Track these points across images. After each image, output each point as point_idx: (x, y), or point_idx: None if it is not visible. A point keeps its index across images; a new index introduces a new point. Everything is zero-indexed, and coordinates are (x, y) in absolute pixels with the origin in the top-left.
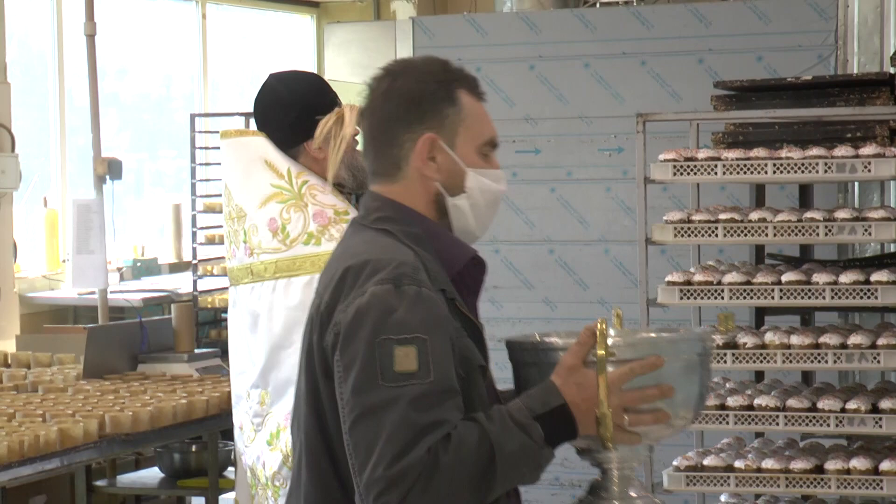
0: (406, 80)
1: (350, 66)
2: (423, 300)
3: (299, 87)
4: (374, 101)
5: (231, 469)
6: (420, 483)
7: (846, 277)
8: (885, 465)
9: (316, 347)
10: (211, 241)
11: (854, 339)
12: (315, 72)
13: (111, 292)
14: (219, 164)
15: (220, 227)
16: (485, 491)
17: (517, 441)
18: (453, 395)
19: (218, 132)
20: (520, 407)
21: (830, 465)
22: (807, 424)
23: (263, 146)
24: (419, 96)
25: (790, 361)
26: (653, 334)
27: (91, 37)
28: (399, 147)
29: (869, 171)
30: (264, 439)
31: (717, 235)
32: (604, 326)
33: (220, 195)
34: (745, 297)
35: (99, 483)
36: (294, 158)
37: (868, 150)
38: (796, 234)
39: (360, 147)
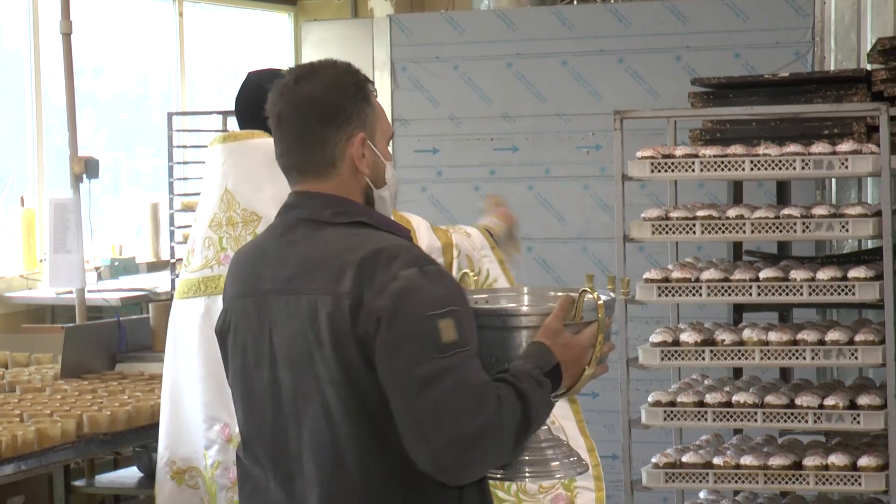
0: (325, 84)
1: None
2: (443, 276)
3: None
4: (299, 106)
5: None
6: (493, 438)
7: (824, 274)
8: (863, 461)
9: (349, 336)
10: None
11: (832, 335)
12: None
13: (89, 292)
14: (198, 162)
15: None
16: (523, 440)
17: (540, 396)
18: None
19: (195, 131)
20: (532, 367)
21: (809, 461)
22: (785, 421)
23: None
24: (343, 99)
25: (768, 358)
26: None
27: (67, 35)
28: (332, 147)
29: (846, 167)
30: None
31: (694, 232)
32: (599, 297)
33: (197, 194)
34: (723, 294)
35: (77, 483)
36: None
37: (845, 146)
38: (774, 231)
39: None
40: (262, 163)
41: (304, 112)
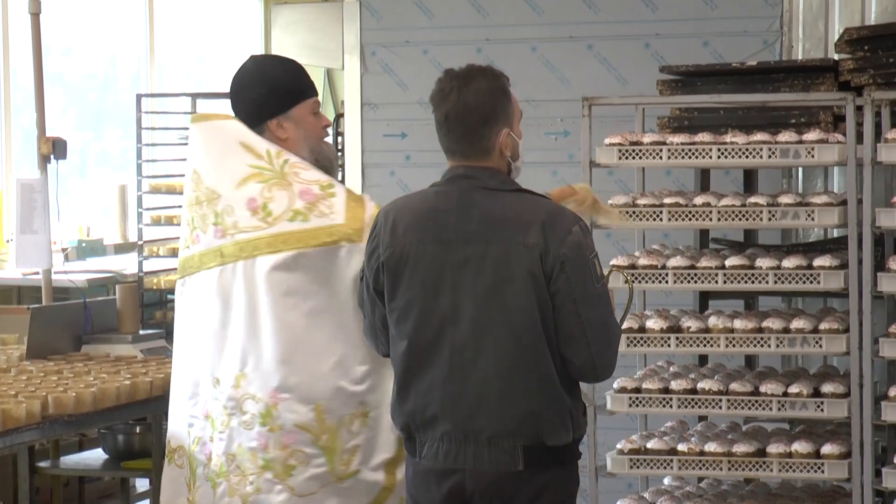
0: (483, 91)
1: (297, 47)
2: (588, 230)
3: (271, 69)
4: (464, 109)
5: None
6: (618, 345)
7: (789, 262)
8: (827, 449)
9: (538, 274)
10: (157, 222)
11: (797, 323)
12: (290, 58)
13: (55, 273)
14: (166, 144)
15: (166, 208)
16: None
17: None
18: None
19: (164, 112)
20: None
21: (773, 448)
22: (749, 408)
23: (239, 129)
24: (495, 105)
25: (733, 345)
26: None
27: (36, 15)
28: (487, 141)
29: (812, 156)
30: (254, 422)
31: (661, 220)
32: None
33: (166, 176)
34: (689, 281)
35: (42, 464)
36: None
37: (812, 135)
38: (740, 219)
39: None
40: (223, 143)
41: (467, 115)
